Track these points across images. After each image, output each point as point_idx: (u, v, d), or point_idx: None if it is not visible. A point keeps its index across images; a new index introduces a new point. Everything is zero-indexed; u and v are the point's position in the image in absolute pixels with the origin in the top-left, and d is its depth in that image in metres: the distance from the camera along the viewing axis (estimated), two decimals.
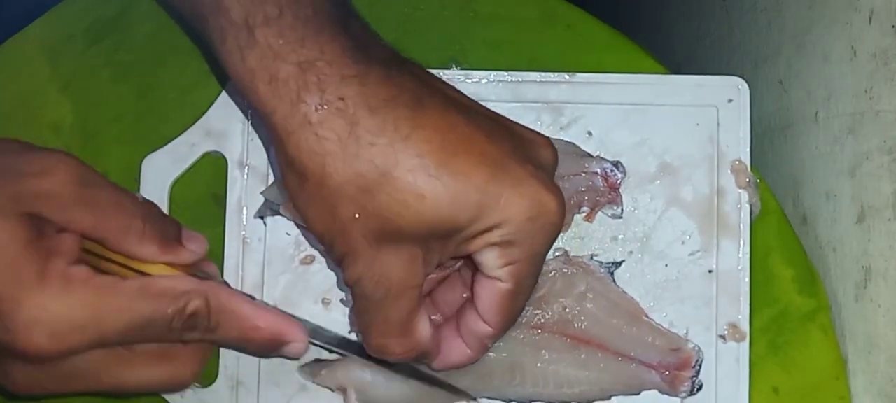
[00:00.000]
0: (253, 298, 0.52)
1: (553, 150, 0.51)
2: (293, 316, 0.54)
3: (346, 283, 0.49)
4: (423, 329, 0.51)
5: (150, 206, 0.51)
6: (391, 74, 0.46)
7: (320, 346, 0.56)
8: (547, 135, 0.60)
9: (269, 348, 0.52)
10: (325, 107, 0.45)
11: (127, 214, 0.49)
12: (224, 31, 0.46)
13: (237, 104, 0.62)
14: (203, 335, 0.50)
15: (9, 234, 0.45)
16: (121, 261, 0.49)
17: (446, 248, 0.48)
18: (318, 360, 0.59)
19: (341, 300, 0.61)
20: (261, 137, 0.61)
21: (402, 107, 0.45)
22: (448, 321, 0.54)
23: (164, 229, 0.50)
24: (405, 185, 0.45)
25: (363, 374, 0.58)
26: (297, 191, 0.47)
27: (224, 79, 0.62)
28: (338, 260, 0.49)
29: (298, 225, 0.61)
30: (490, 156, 0.46)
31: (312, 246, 0.61)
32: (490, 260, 0.48)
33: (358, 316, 0.51)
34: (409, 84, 0.47)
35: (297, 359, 0.58)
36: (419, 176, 0.45)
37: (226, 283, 0.53)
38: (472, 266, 0.51)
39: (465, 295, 0.55)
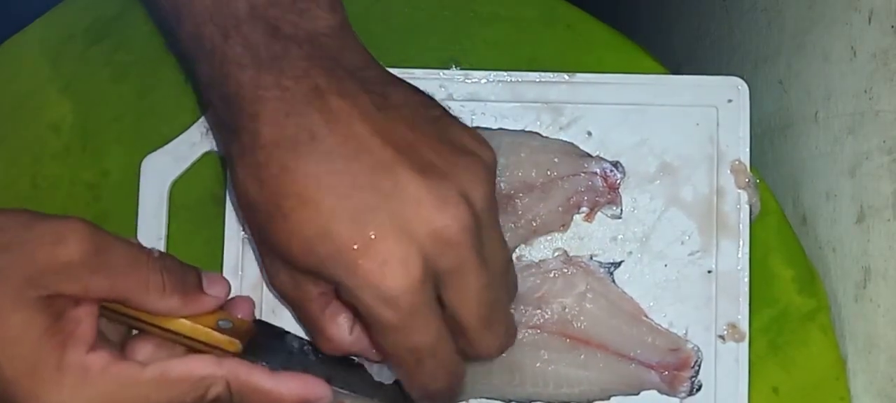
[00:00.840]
0: (271, 368, 0.52)
1: (448, 215, 0.46)
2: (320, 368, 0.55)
3: None
4: (338, 333, 0.52)
5: (167, 259, 0.50)
6: (293, 113, 0.46)
7: (346, 394, 0.56)
8: (546, 134, 0.61)
9: None
10: (232, 134, 0.48)
11: (144, 272, 0.48)
12: (180, 58, 0.52)
13: None
14: None
15: (26, 323, 0.45)
16: (142, 318, 0.49)
17: (321, 281, 0.49)
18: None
19: None
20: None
21: (287, 151, 0.46)
22: None
23: (184, 279, 0.50)
24: (267, 216, 0.47)
25: None
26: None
27: None
28: None
29: None
30: (340, 213, 0.45)
31: None
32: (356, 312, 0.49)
33: None
34: (306, 126, 0.46)
35: None
36: (275, 212, 0.46)
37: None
38: None
39: None
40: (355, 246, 0.45)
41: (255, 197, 0.47)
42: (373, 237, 0.45)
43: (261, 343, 0.53)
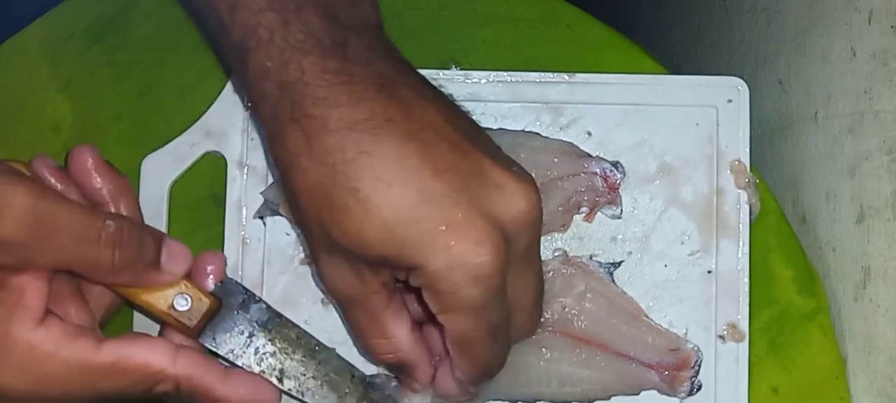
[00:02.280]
0: (227, 364, 0.52)
1: (528, 199, 0.47)
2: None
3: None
4: (401, 333, 0.51)
5: (122, 230, 0.48)
6: (364, 97, 0.46)
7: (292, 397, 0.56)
8: (546, 135, 0.61)
9: None
10: (293, 124, 0.46)
11: (92, 247, 0.46)
12: (228, 51, 0.49)
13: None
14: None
15: None
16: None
17: (387, 273, 0.49)
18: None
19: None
20: (262, 139, 0.62)
21: (363, 134, 0.46)
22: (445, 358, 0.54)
23: (139, 254, 0.49)
24: (338, 205, 0.46)
25: None
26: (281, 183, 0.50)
27: (230, 73, 0.63)
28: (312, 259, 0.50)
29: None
30: (425, 193, 0.45)
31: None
32: (428, 301, 0.48)
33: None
34: (379, 108, 0.46)
35: None
36: (351, 198, 0.45)
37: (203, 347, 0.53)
38: None
39: None
40: (443, 227, 0.45)
41: (324, 184, 0.46)
42: (461, 217, 0.45)
43: (220, 321, 0.53)
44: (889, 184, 0.56)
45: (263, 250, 0.61)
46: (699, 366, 0.59)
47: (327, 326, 0.60)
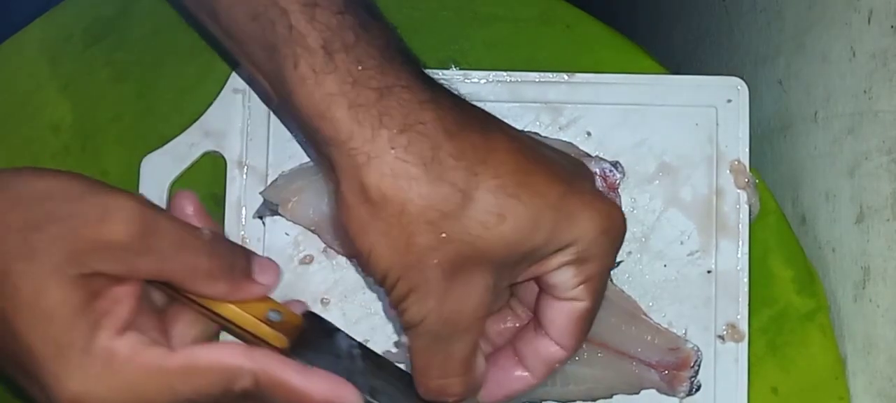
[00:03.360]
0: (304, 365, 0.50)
1: (589, 170, 0.52)
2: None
3: (407, 325, 0.47)
4: (481, 363, 0.50)
5: (218, 241, 0.49)
6: (459, 102, 0.47)
7: None
8: (545, 135, 0.61)
9: None
10: (408, 131, 0.44)
11: (191, 256, 0.47)
12: (297, 57, 0.45)
13: (295, 137, 0.61)
14: None
15: (60, 299, 0.43)
16: (193, 299, 0.48)
17: (517, 273, 0.48)
18: None
19: (395, 343, 0.61)
20: (319, 166, 0.60)
21: (475, 132, 0.45)
22: (501, 350, 0.53)
23: (233, 264, 0.49)
24: (487, 206, 0.45)
25: None
26: (367, 221, 0.45)
27: (234, 67, 0.62)
28: (401, 298, 0.46)
29: (308, 232, 0.61)
30: (559, 176, 0.47)
31: (325, 259, 0.61)
32: (565, 280, 0.48)
33: (417, 358, 0.49)
34: (474, 111, 0.47)
35: None
36: (499, 196, 0.45)
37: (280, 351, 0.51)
38: (527, 294, 0.51)
39: (515, 324, 0.54)
40: (584, 200, 0.47)
41: (463, 191, 0.44)
42: (588, 190, 0.48)
43: (308, 340, 0.51)
44: (888, 184, 0.56)
45: (263, 250, 0.61)
46: (699, 366, 0.59)
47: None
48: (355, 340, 0.53)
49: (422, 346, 0.48)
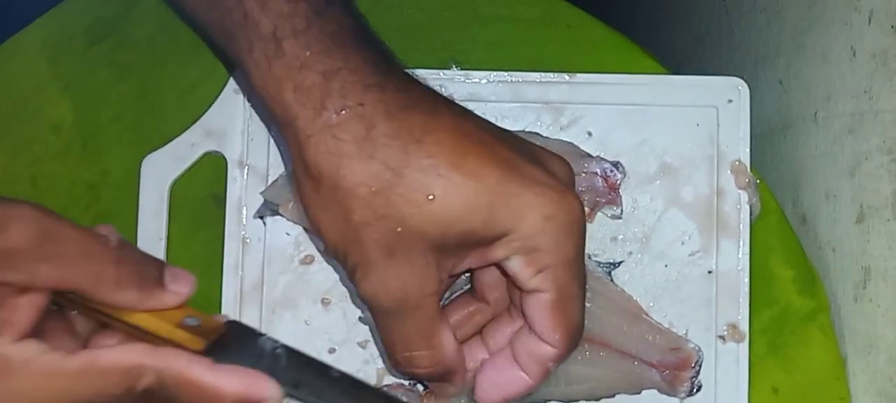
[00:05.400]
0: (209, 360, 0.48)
1: (566, 165, 0.51)
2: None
3: (361, 300, 0.49)
4: (447, 341, 0.50)
5: (126, 249, 0.47)
6: (408, 85, 0.47)
7: (298, 398, 0.51)
8: (546, 135, 0.61)
9: None
10: (346, 111, 0.46)
11: (97, 263, 0.45)
12: (252, 43, 0.47)
13: (261, 117, 0.62)
14: None
15: None
16: (105, 311, 0.47)
17: (462, 255, 0.48)
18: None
19: (360, 318, 0.61)
20: (279, 149, 0.61)
21: (418, 113, 0.46)
22: (500, 353, 0.53)
23: (143, 272, 0.48)
24: (416, 185, 0.45)
25: None
26: (312, 196, 0.48)
27: (232, 70, 0.63)
28: (351, 273, 0.48)
29: (307, 231, 0.61)
30: (501, 159, 0.47)
31: (325, 259, 0.61)
32: (520, 269, 0.48)
33: (380, 335, 0.51)
34: (425, 95, 0.48)
35: None
36: (429, 175, 0.45)
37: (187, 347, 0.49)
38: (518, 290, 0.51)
39: (477, 309, 0.55)
40: (529, 186, 0.47)
41: (394, 168, 0.45)
42: (540, 175, 0.48)
43: (229, 343, 0.49)
44: (889, 183, 0.56)
45: (263, 250, 0.61)
46: (700, 366, 0.59)
47: (327, 326, 0.60)
48: (281, 343, 0.51)
49: (379, 321, 0.50)
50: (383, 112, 0.46)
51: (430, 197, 0.45)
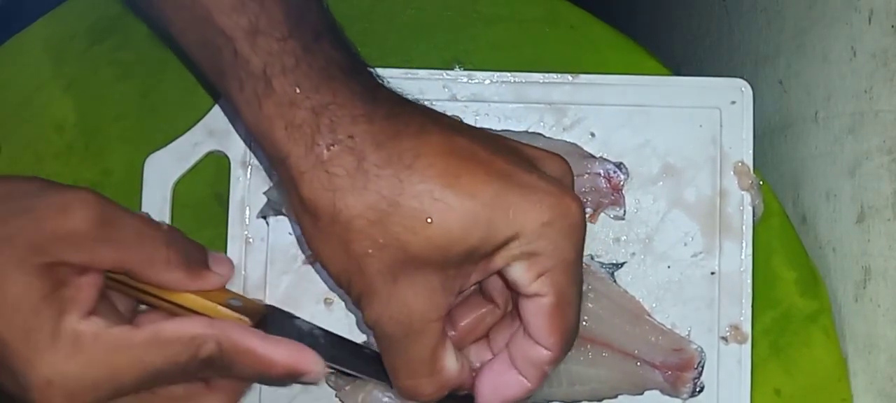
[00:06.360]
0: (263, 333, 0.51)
1: (563, 163, 0.51)
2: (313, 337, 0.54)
3: (366, 325, 0.49)
4: (450, 363, 0.50)
5: (174, 233, 0.51)
6: (396, 112, 0.47)
7: (339, 371, 0.55)
8: (549, 135, 0.61)
9: (286, 379, 0.52)
10: (336, 145, 0.46)
11: (150, 245, 0.49)
12: (242, 81, 0.47)
13: (231, 121, 0.62)
14: (220, 374, 0.51)
15: (25, 288, 0.45)
16: (151, 291, 0.50)
17: (466, 273, 0.48)
18: (343, 373, 0.58)
19: (365, 341, 0.61)
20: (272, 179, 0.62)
21: (407, 139, 0.46)
22: (497, 357, 0.53)
23: (189, 255, 0.51)
24: (412, 211, 0.45)
25: (382, 397, 0.57)
26: (311, 231, 0.48)
27: (217, 97, 0.63)
28: (356, 301, 0.48)
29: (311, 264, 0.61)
30: (495, 171, 0.46)
31: (331, 290, 0.62)
32: (520, 275, 0.48)
33: (384, 359, 0.51)
34: (413, 119, 0.47)
35: (315, 384, 0.57)
36: (424, 201, 0.45)
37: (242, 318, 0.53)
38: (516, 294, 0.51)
39: (488, 309, 0.54)
40: (526, 193, 0.47)
41: (388, 197, 0.46)
42: (537, 181, 0.47)
43: (270, 322, 0.53)
44: (889, 183, 0.56)
45: (266, 250, 0.61)
46: (702, 367, 0.60)
47: (329, 325, 0.60)
48: (314, 324, 0.55)
49: (384, 349, 0.50)
50: (372, 142, 0.46)
51: (428, 221, 0.45)
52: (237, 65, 0.48)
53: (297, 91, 0.46)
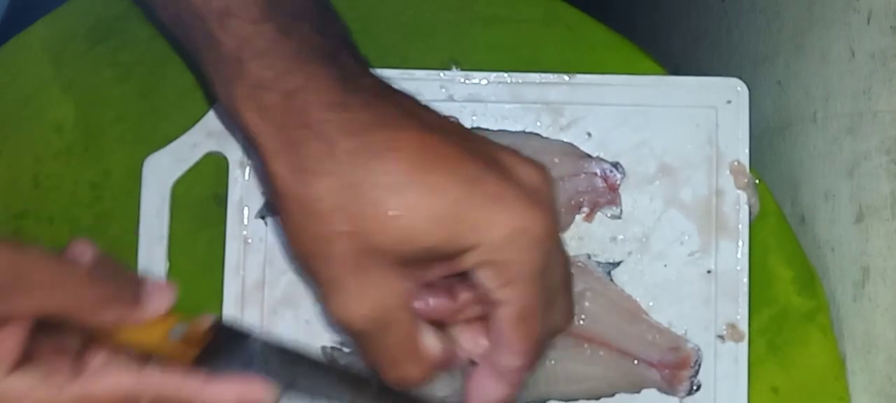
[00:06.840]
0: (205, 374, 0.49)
1: (541, 172, 0.49)
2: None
3: (337, 324, 0.48)
4: (431, 344, 0.50)
5: (101, 268, 0.49)
6: (375, 102, 0.47)
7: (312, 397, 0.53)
8: (546, 135, 0.61)
9: None
10: (305, 129, 0.46)
11: (72, 286, 0.47)
12: (217, 62, 0.48)
13: (225, 126, 0.62)
14: None
15: None
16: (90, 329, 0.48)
17: (429, 268, 0.48)
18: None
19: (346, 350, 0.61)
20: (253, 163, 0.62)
21: (383, 130, 0.46)
22: (483, 361, 0.52)
23: (119, 290, 0.49)
24: (375, 201, 0.45)
25: None
26: (282, 215, 0.48)
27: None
28: (322, 293, 0.48)
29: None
30: (463, 175, 0.46)
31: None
32: (486, 281, 0.47)
33: (364, 355, 0.50)
34: (391, 111, 0.47)
35: None
36: (389, 191, 0.45)
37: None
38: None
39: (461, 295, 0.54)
40: (493, 200, 0.46)
41: (354, 185, 0.45)
42: (506, 187, 0.47)
43: (218, 349, 0.50)
44: (888, 183, 0.56)
45: (265, 250, 0.61)
46: (699, 366, 0.60)
47: (329, 325, 0.61)
48: (268, 341, 0.52)
49: (360, 345, 0.49)
50: (345, 130, 0.46)
51: (391, 212, 0.45)
52: (210, 46, 0.48)
53: (269, 74, 0.47)
